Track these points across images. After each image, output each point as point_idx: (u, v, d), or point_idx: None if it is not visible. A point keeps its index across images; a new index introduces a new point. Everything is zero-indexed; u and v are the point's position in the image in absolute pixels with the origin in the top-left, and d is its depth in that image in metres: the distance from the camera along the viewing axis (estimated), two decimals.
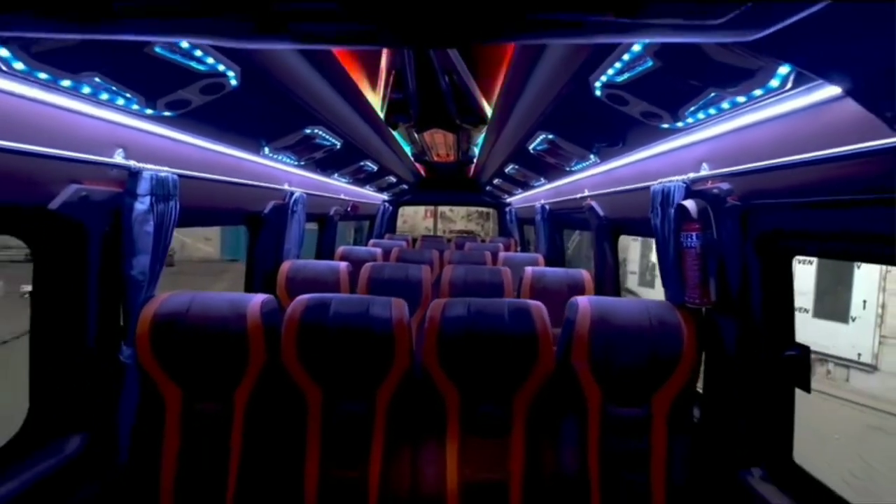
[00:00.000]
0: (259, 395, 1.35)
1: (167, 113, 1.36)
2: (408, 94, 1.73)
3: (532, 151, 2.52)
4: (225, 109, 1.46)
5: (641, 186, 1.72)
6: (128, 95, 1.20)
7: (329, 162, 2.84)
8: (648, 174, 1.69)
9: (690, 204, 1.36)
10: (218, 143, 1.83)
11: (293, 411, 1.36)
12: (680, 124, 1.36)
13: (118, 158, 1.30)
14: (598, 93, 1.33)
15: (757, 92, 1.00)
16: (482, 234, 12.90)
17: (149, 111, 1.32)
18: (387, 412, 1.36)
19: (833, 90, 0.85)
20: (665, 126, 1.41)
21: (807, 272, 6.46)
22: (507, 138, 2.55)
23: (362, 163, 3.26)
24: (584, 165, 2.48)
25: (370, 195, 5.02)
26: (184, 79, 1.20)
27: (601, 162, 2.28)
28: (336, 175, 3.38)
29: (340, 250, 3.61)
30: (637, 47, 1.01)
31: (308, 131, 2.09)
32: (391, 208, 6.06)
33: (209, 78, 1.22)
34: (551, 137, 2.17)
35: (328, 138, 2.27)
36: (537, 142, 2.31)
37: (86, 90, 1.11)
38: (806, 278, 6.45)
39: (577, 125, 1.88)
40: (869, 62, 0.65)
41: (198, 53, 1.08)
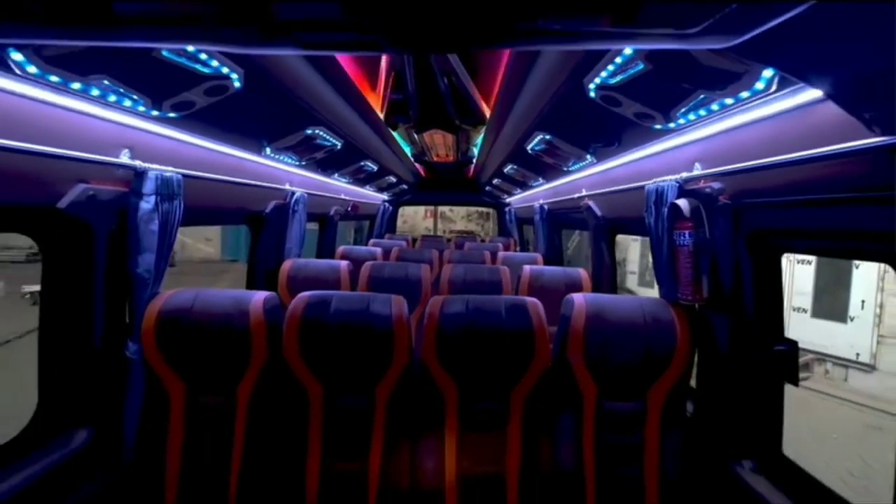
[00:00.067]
0: (261, 390, 1.37)
1: (172, 114, 1.39)
2: (407, 96, 1.75)
3: (530, 152, 2.54)
4: (228, 111, 1.49)
5: (637, 186, 1.74)
6: (135, 97, 1.23)
7: (329, 162, 2.85)
8: (643, 174, 1.71)
9: (683, 203, 1.38)
10: (221, 144, 1.86)
11: (295, 406, 1.38)
12: (672, 125, 1.39)
13: (124, 158, 1.33)
14: (593, 94, 1.35)
15: (744, 94, 1.03)
16: (482, 235, 12.90)
17: (154, 112, 1.35)
18: (387, 407, 1.38)
19: (816, 92, 0.88)
20: (658, 127, 1.44)
21: (805, 272, 6.45)
22: (506, 139, 2.57)
23: (362, 163, 3.27)
24: (582, 165, 2.50)
25: (370, 195, 5.03)
26: (189, 81, 1.22)
27: (598, 162, 2.30)
28: (336, 175, 3.40)
29: (341, 250, 3.62)
30: (628, 51, 1.04)
31: (309, 132, 2.11)
32: (391, 208, 6.06)
33: (213, 80, 1.25)
34: (548, 138, 2.19)
35: (329, 139, 2.29)
36: (535, 142, 2.33)
37: (94, 92, 1.14)
38: (804, 278, 6.45)
39: (574, 126, 1.90)
40: (846, 66, 0.68)
41: (203, 56, 1.11)
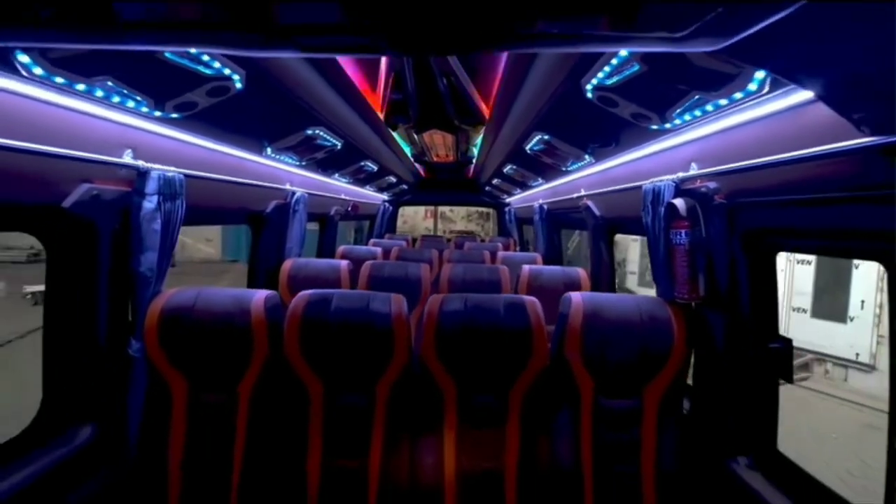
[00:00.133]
0: (262, 387, 1.38)
1: (175, 115, 1.41)
2: (407, 96, 1.77)
3: (529, 152, 2.55)
4: (230, 111, 1.51)
5: (634, 186, 1.75)
6: (138, 98, 1.25)
7: (330, 162, 2.86)
8: (641, 174, 1.72)
9: (679, 202, 1.40)
10: (222, 144, 1.87)
11: (296, 403, 1.40)
12: (668, 125, 1.40)
13: (127, 159, 1.35)
14: (590, 95, 1.37)
15: (737, 95, 1.05)
16: (482, 235, 12.90)
17: (157, 113, 1.36)
18: (386, 404, 1.40)
19: (807, 94, 0.89)
20: (654, 127, 1.46)
21: (805, 272, 6.45)
22: (505, 139, 2.58)
23: (362, 163, 3.28)
24: (580, 165, 2.52)
25: (370, 195, 5.03)
26: (191, 82, 1.24)
27: (596, 162, 2.31)
28: (337, 175, 3.41)
29: (341, 250, 3.63)
30: (624, 52, 1.05)
31: (309, 132, 2.12)
32: (391, 208, 6.06)
33: (215, 81, 1.27)
34: (547, 138, 2.21)
35: (329, 139, 2.31)
36: (534, 142, 2.35)
37: (99, 93, 1.15)
38: (804, 279, 6.44)
39: (572, 126, 1.91)
40: (834, 68, 0.69)
41: (205, 58, 1.13)
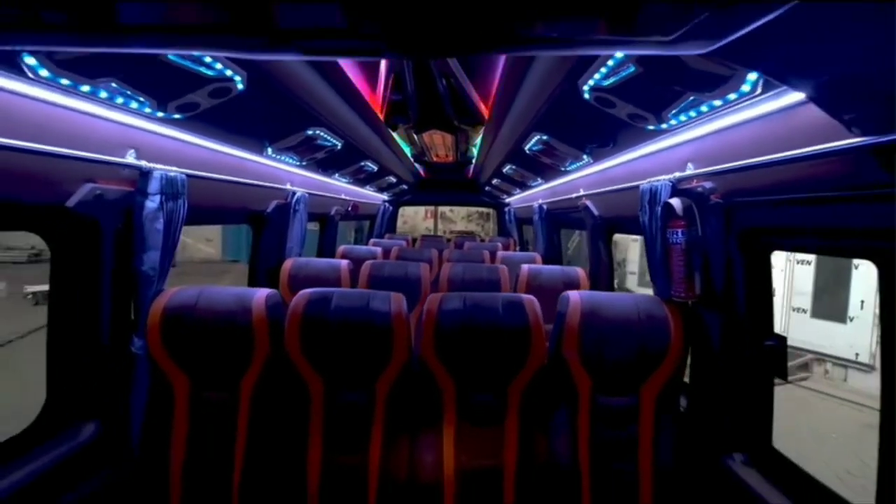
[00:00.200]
0: (264, 385, 1.40)
1: (177, 115, 1.43)
2: (407, 97, 1.79)
3: (528, 152, 2.57)
4: (231, 112, 1.52)
5: (632, 185, 1.76)
6: (141, 99, 1.26)
7: (330, 162, 2.88)
8: (638, 174, 1.73)
9: (676, 202, 1.41)
10: (224, 144, 1.89)
11: (296, 400, 1.41)
12: (665, 126, 1.42)
13: (130, 159, 1.36)
14: (587, 96, 1.38)
15: (731, 96, 1.06)
16: (482, 235, 12.92)
17: (160, 114, 1.38)
18: (386, 402, 1.41)
19: (799, 95, 0.91)
20: (651, 128, 1.47)
21: (805, 272, 6.44)
22: (504, 139, 2.60)
23: (362, 163, 3.30)
24: (579, 165, 2.53)
25: (370, 195, 5.05)
26: (193, 83, 1.26)
27: (594, 162, 2.33)
28: (337, 175, 3.42)
29: (341, 249, 3.64)
30: (619, 54, 1.07)
31: (310, 132, 2.14)
32: (391, 208, 6.08)
33: (217, 82, 1.28)
34: (546, 138, 2.22)
35: (329, 139, 2.32)
36: (533, 142, 2.36)
37: (102, 94, 1.17)
38: (804, 279, 6.43)
39: (570, 126, 1.93)
40: (824, 69, 0.71)
41: (207, 59, 1.15)
